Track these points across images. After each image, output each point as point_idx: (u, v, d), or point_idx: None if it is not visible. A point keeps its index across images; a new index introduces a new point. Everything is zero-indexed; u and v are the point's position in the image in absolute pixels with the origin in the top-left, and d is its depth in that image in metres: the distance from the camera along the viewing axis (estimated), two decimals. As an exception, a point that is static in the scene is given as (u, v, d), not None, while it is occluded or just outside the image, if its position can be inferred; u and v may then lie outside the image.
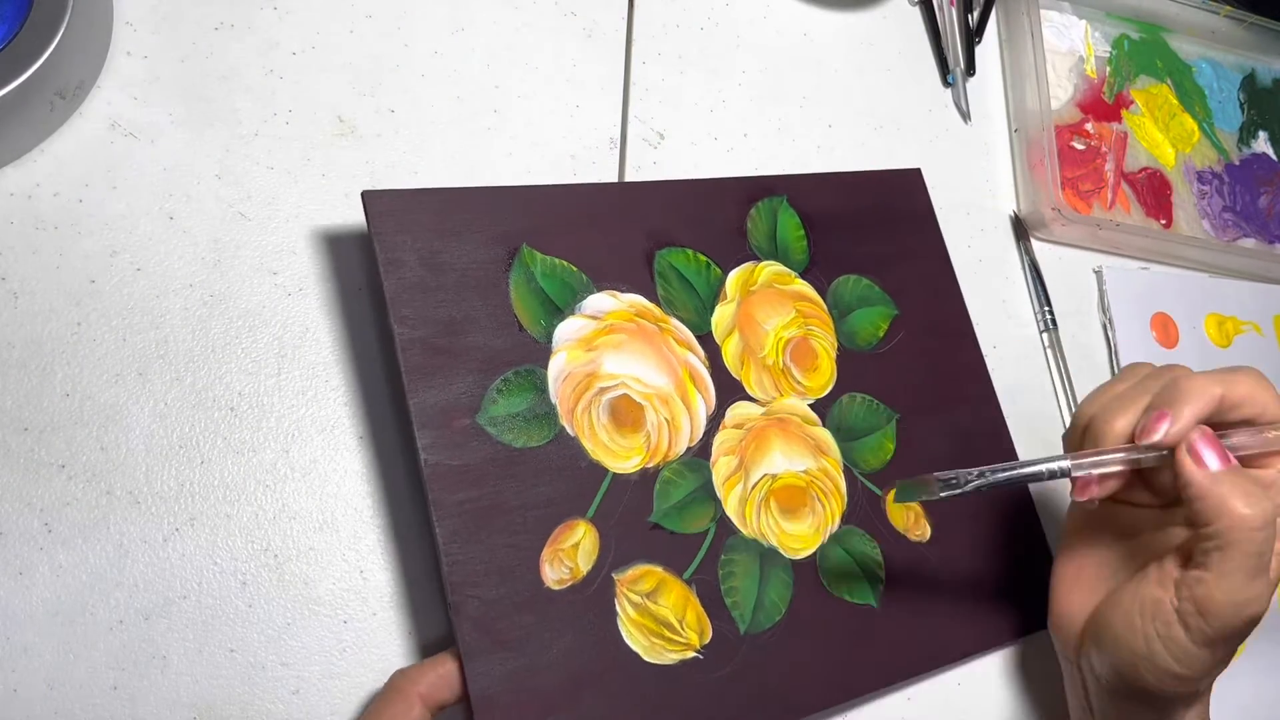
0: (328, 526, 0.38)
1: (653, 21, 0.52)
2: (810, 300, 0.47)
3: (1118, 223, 0.59)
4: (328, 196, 0.42)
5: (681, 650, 0.38)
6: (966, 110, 0.60)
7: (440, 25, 0.47)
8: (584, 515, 0.38)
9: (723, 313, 0.44)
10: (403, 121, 0.44)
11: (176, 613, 0.35)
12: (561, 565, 0.37)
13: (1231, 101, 0.71)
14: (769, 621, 0.40)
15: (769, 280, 0.46)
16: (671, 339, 0.42)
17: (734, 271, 0.45)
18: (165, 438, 0.37)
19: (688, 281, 0.43)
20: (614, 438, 0.39)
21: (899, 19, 0.61)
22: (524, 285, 0.39)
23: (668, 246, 0.43)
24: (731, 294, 0.44)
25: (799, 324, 0.46)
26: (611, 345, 0.40)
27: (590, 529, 0.38)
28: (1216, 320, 0.63)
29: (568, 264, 0.40)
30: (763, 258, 0.46)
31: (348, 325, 0.41)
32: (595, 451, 0.39)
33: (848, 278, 0.48)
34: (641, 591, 0.38)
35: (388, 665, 0.37)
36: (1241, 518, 0.34)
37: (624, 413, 0.40)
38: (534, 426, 0.38)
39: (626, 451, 0.40)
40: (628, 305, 0.41)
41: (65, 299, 0.37)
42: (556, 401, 0.39)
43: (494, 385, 0.37)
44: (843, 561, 0.43)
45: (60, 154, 0.39)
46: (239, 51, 0.43)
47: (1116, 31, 0.68)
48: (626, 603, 0.38)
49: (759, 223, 0.46)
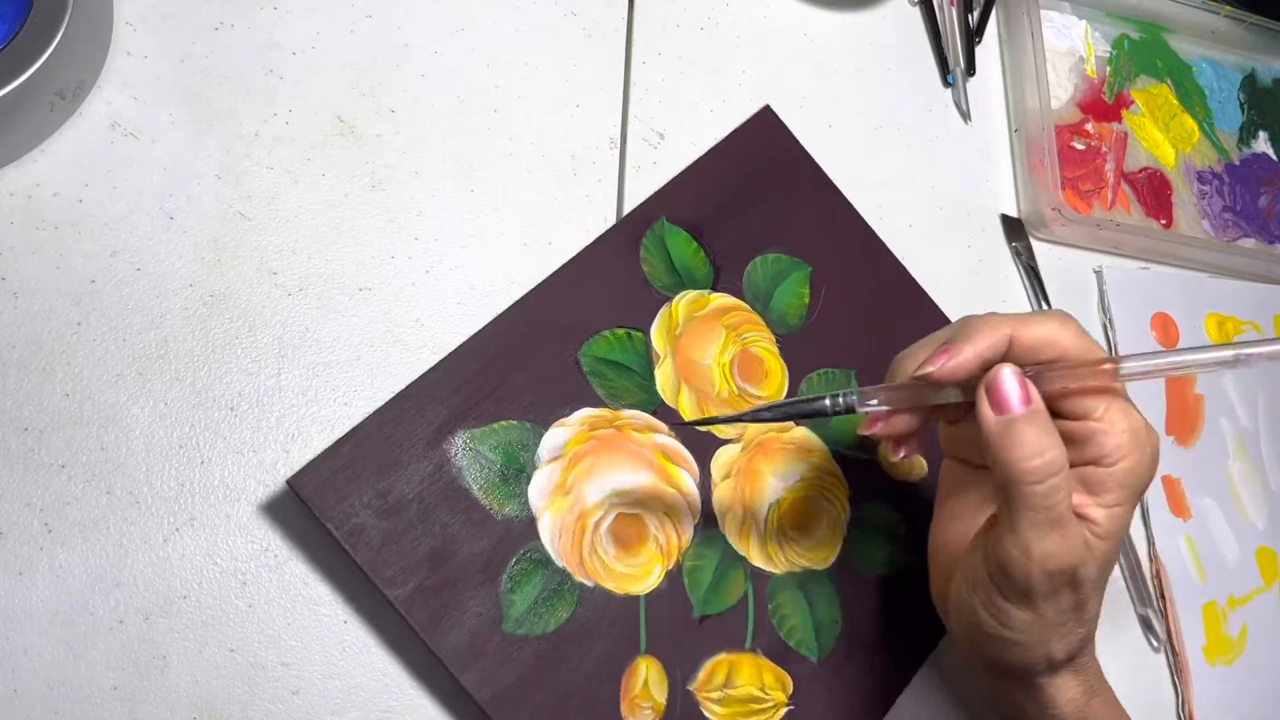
0: (328, 526, 0.38)
1: (653, 21, 0.52)
2: (733, 309, 0.46)
3: (1118, 223, 0.59)
4: (330, 196, 0.42)
5: (774, 712, 0.40)
6: (966, 110, 0.60)
7: (440, 25, 0.47)
8: (640, 652, 0.39)
9: (663, 375, 0.43)
10: (403, 121, 0.44)
11: (177, 613, 0.35)
12: (642, 710, 0.38)
13: (1231, 101, 0.71)
14: (833, 639, 0.41)
15: (688, 313, 0.45)
16: (631, 431, 0.41)
17: (654, 326, 0.44)
18: (165, 438, 0.37)
19: (619, 365, 0.42)
20: (627, 563, 0.40)
21: (899, 19, 0.61)
22: (479, 472, 0.38)
23: (587, 340, 0.42)
24: (662, 350, 0.43)
25: (733, 340, 0.45)
26: (583, 473, 0.40)
27: (650, 661, 0.39)
28: (1217, 320, 0.63)
29: (508, 423, 0.39)
30: (673, 294, 0.44)
31: (349, 330, 0.41)
32: (619, 587, 0.39)
33: (753, 263, 0.47)
34: (717, 686, 0.39)
35: (387, 665, 0.37)
36: (1021, 470, 0.32)
37: (626, 533, 0.40)
38: (556, 602, 0.38)
39: (645, 568, 0.40)
40: (580, 425, 0.41)
41: (65, 299, 0.37)
42: (564, 564, 0.39)
43: (503, 587, 0.37)
44: (868, 540, 0.44)
45: (60, 154, 0.39)
46: (239, 51, 0.43)
47: (1116, 31, 0.68)
48: (711, 704, 0.39)
49: (653, 260, 0.44)
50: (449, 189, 0.44)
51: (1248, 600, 0.57)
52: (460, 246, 0.43)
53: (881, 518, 0.44)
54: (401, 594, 0.35)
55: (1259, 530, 0.59)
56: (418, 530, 0.36)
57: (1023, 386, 0.32)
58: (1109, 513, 0.34)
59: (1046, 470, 0.32)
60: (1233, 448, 0.60)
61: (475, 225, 0.44)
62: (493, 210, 0.45)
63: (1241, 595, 0.56)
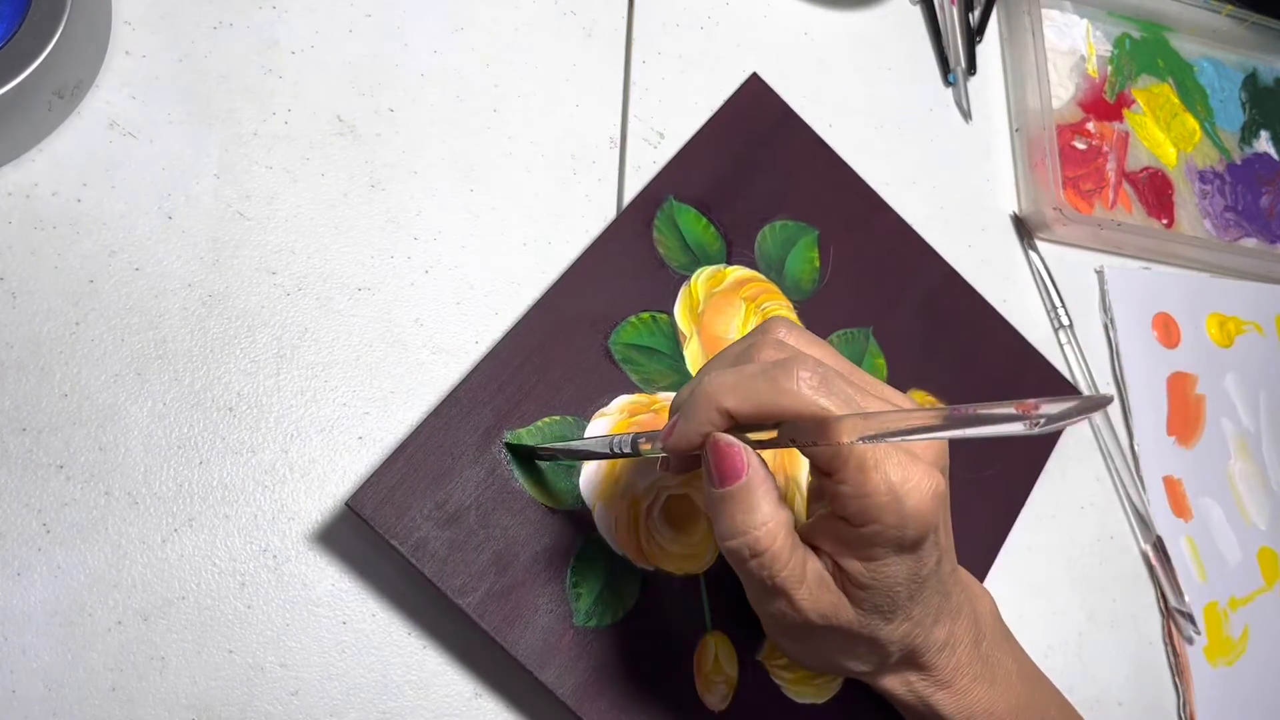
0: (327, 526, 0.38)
1: (653, 21, 0.52)
2: (749, 280, 0.46)
3: (1119, 222, 0.59)
4: (328, 195, 0.42)
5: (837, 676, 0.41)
6: (967, 110, 0.60)
7: (440, 25, 0.47)
8: (706, 628, 0.39)
9: (692, 353, 0.44)
10: (402, 121, 0.44)
11: (175, 614, 0.35)
12: (716, 686, 0.39)
13: (1233, 101, 0.71)
14: None
15: (707, 290, 0.45)
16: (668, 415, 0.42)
17: (677, 306, 0.44)
18: (164, 438, 0.37)
19: (649, 349, 0.43)
20: (683, 543, 0.40)
21: (899, 19, 0.61)
22: (530, 471, 0.39)
23: (614, 328, 0.42)
24: (687, 329, 0.44)
25: (752, 311, 0.46)
26: (629, 461, 0.40)
27: (718, 637, 0.40)
28: (1218, 320, 0.63)
29: (550, 419, 0.40)
30: (689, 272, 0.45)
31: (349, 330, 0.41)
32: (679, 568, 0.40)
33: (762, 232, 0.47)
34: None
35: (387, 665, 0.37)
36: (723, 548, 0.31)
37: (678, 513, 0.41)
38: (621, 590, 0.39)
39: (700, 546, 0.41)
40: (619, 413, 0.41)
41: (63, 299, 0.37)
42: (623, 551, 0.39)
43: (568, 582, 0.38)
44: None
45: (59, 153, 0.39)
46: (238, 51, 0.42)
47: (1118, 30, 0.68)
48: (780, 671, 0.40)
49: (667, 242, 0.45)
50: (448, 189, 0.44)
51: (1249, 601, 0.57)
52: (460, 246, 0.43)
53: None
54: (473, 601, 0.36)
55: (1260, 531, 0.59)
56: (479, 536, 0.37)
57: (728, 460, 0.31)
58: (868, 566, 0.31)
59: (748, 550, 0.30)
60: (1234, 448, 0.60)
61: (475, 225, 0.44)
62: (492, 210, 0.45)
63: (1243, 596, 0.56)
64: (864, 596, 0.31)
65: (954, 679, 0.35)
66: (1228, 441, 0.60)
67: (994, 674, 0.37)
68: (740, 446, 0.31)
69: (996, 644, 0.38)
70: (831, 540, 0.31)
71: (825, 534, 0.32)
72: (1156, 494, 0.56)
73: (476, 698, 0.38)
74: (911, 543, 0.30)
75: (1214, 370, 0.61)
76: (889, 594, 0.31)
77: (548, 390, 0.40)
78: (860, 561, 0.31)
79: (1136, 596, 0.53)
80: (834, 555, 0.31)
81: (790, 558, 0.31)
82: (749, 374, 0.30)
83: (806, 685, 0.40)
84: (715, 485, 0.31)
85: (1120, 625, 0.52)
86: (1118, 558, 0.54)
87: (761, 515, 0.30)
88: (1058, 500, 0.53)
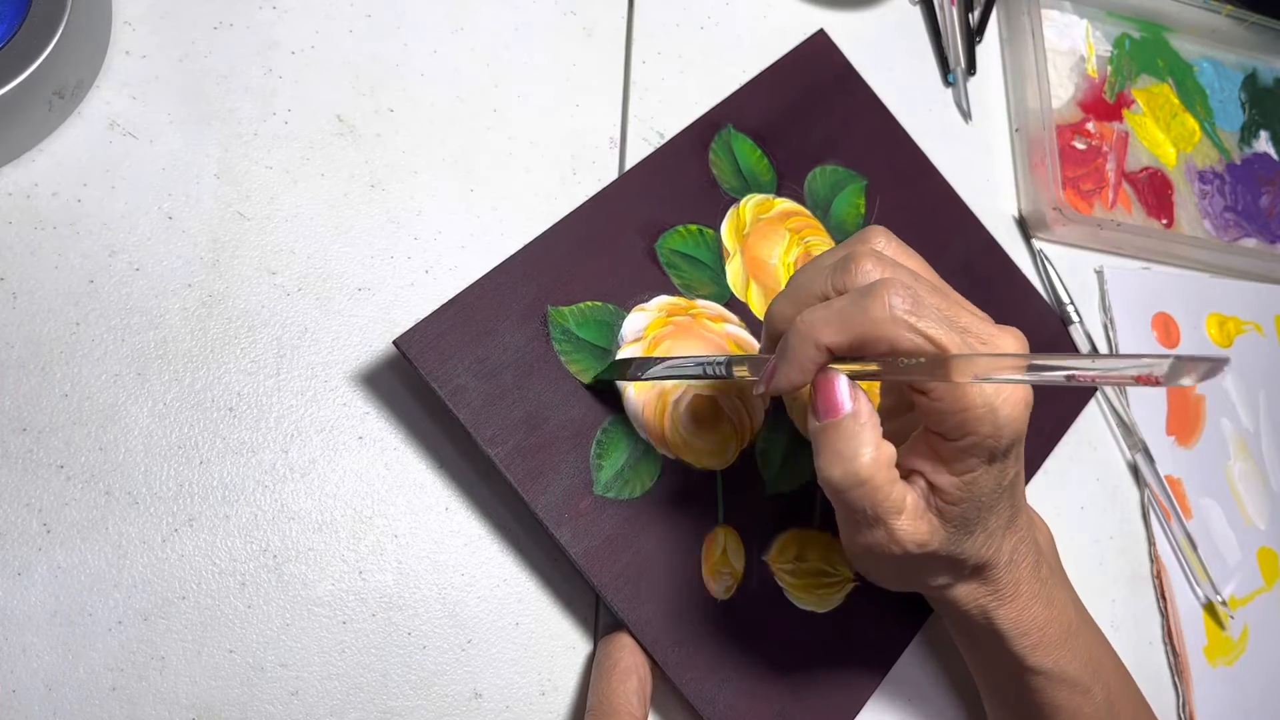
0: (326, 527, 0.38)
1: (653, 21, 0.52)
2: (796, 213, 0.48)
3: (1119, 222, 0.59)
4: (329, 197, 0.42)
5: (842, 586, 0.42)
6: (967, 110, 0.60)
7: (440, 25, 0.47)
8: (717, 522, 0.41)
9: (733, 270, 0.45)
10: (402, 121, 0.44)
11: (175, 613, 0.35)
12: (722, 576, 0.40)
13: (1233, 101, 0.71)
14: None
15: (754, 215, 0.47)
16: (705, 320, 0.44)
17: (724, 223, 0.46)
18: (164, 438, 0.37)
19: (693, 258, 0.45)
20: (705, 439, 0.42)
21: (899, 19, 0.61)
22: (568, 345, 0.40)
23: (661, 234, 0.44)
24: (732, 247, 0.46)
25: (796, 242, 0.47)
26: (662, 355, 0.42)
27: (728, 531, 0.41)
28: (1218, 320, 0.63)
29: (592, 303, 0.42)
30: (739, 195, 0.47)
31: (348, 330, 0.41)
32: (699, 461, 0.41)
33: (814, 172, 0.49)
34: (790, 559, 0.42)
35: (386, 666, 0.37)
36: (824, 478, 0.32)
37: (702, 412, 0.42)
38: (642, 470, 0.40)
39: (721, 446, 0.42)
40: (657, 311, 0.43)
41: (64, 299, 0.37)
42: (647, 436, 0.41)
43: (592, 452, 0.39)
44: None
45: (59, 153, 0.39)
46: (238, 51, 0.42)
47: (1117, 31, 0.68)
48: (785, 574, 0.42)
49: (721, 165, 0.47)
50: (448, 189, 0.44)
51: (1249, 601, 0.57)
52: (460, 246, 0.43)
53: None
54: (502, 452, 0.37)
55: (1260, 531, 0.59)
56: (514, 395, 0.38)
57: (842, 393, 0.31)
58: (959, 480, 0.32)
59: (850, 480, 0.31)
60: (1233, 448, 0.60)
61: (475, 225, 0.44)
62: (492, 210, 0.45)
63: (1243, 596, 0.56)
64: (955, 512, 0.33)
65: (1015, 594, 0.37)
66: (1227, 442, 0.60)
67: (1050, 597, 0.38)
68: (843, 379, 0.31)
69: (1054, 571, 0.40)
70: (926, 459, 0.33)
71: (918, 454, 0.33)
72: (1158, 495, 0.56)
73: (476, 698, 0.38)
74: (1004, 450, 0.32)
75: (1214, 370, 0.61)
76: (976, 505, 0.33)
77: (593, 276, 0.42)
78: (953, 475, 0.32)
79: (1136, 597, 0.53)
80: (927, 474, 0.33)
81: (891, 489, 0.32)
82: (841, 306, 0.31)
83: (809, 593, 0.42)
84: (819, 418, 0.32)
85: (1120, 625, 0.52)
86: (1117, 558, 0.54)
87: (865, 447, 0.31)
88: (1058, 500, 0.53)
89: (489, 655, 0.39)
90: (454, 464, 0.40)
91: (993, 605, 0.37)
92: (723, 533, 0.41)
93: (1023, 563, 0.37)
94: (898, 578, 0.37)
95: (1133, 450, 0.56)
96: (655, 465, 0.40)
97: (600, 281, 0.42)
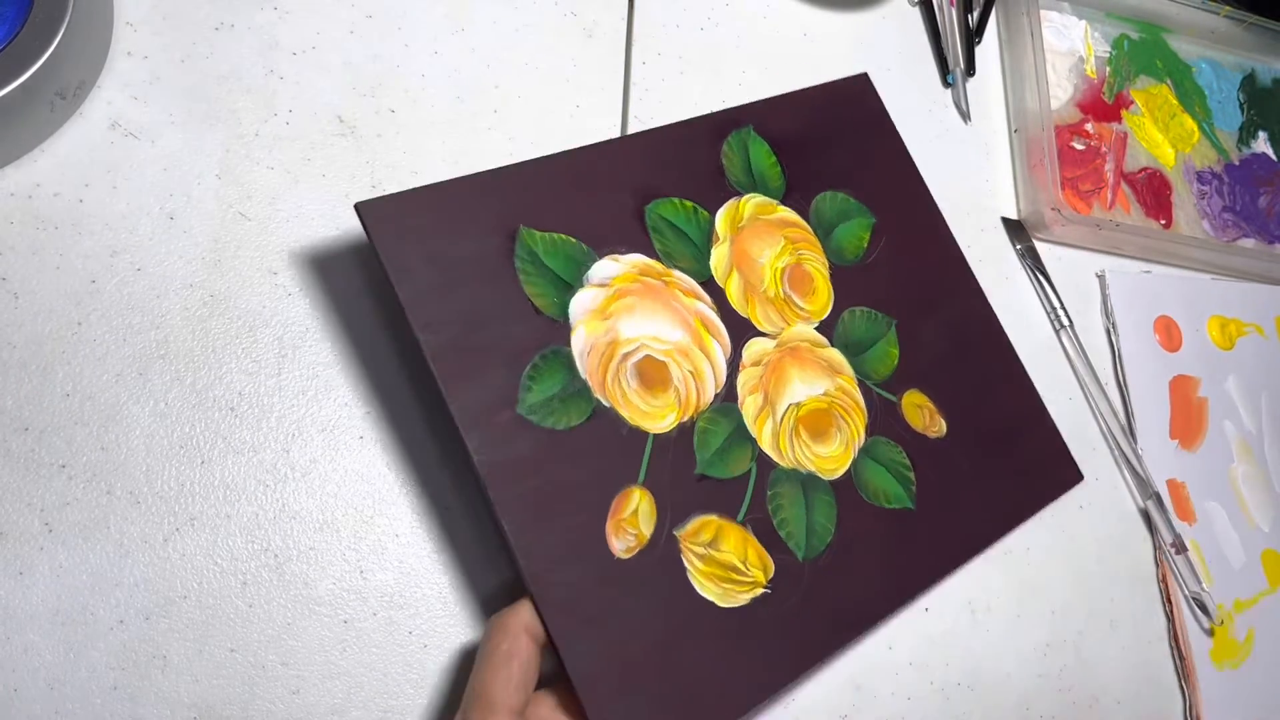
0: (328, 526, 0.38)
1: (653, 21, 0.52)
2: (795, 225, 0.48)
3: (1118, 223, 0.59)
4: (328, 197, 0.42)
5: (750, 589, 0.40)
6: (966, 110, 0.60)
7: (440, 25, 0.47)
8: (636, 482, 0.39)
9: (719, 254, 0.45)
10: (403, 121, 0.44)
11: (177, 613, 0.35)
12: (626, 534, 0.38)
13: (1231, 101, 0.71)
14: (822, 544, 0.42)
15: (754, 213, 0.46)
16: (678, 291, 0.43)
17: (720, 211, 0.45)
18: (165, 438, 0.37)
19: (680, 231, 0.44)
20: (646, 400, 0.40)
21: (899, 19, 0.61)
22: (531, 267, 0.39)
23: (655, 199, 0.44)
24: (723, 234, 0.45)
25: (790, 251, 0.47)
26: (624, 309, 0.41)
27: (645, 494, 0.39)
28: (1219, 323, 0.63)
29: (566, 237, 0.41)
30: (744, 192, 0.46)
31: (348, 331, 0.41)
32: (632, 418, 0.40)
33: (824, 195, 0.49)
34: (703, 542, 0.40)
35: (388, 665, 0.37)
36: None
37: (650, 374, 0.41)
38: (571, 406, 0.39)
39: (660, 411, 0.41)
40: (630, 266, 0.42)
41: (65, 299, 0.37)
42: (586, 377, 0.39)
43: (525, 373, 0.38)
44: (875, 471, 0.45)
45: (61, 154, 0.39)
46: (239, 51, 0.43)
47: (1116, 31, 0.68)
48: (693, 556, 0.39)
49: (733, 158, 0.47)
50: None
51: (1254, 603, 0.56)
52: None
53: (894, 456, 0.45)
54: (433, 340, 0.36)
55: (1264, 533, 0.59)
56: (462, 293, 0.37)
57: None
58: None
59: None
60: (1237, 451, 0.60)
61: (476, 225, 0.44)
62: (493, 210, 0.45)
63: (1248, 598, 0.56)
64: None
65: None
66: (1230, 444, 0.60)
67: None
68: None
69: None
70: None
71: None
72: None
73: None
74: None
75: (1216, 373, 0.61)
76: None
77: (574, 214, 0.41)
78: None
79: (1136, 597, 0.53)
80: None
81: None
82: None
83: (713, 583, 0.39)
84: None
85: (1120, 625, 0.52)
86: (1117, 558, 0.53)
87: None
88: (1057, 500, 0.53)
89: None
90: (455, 459, 0.40)
91: None
92: (639, 493, 0.39)
93: None
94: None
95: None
96: (587, 406, 0.39)
97: (579, 220, 0.41)
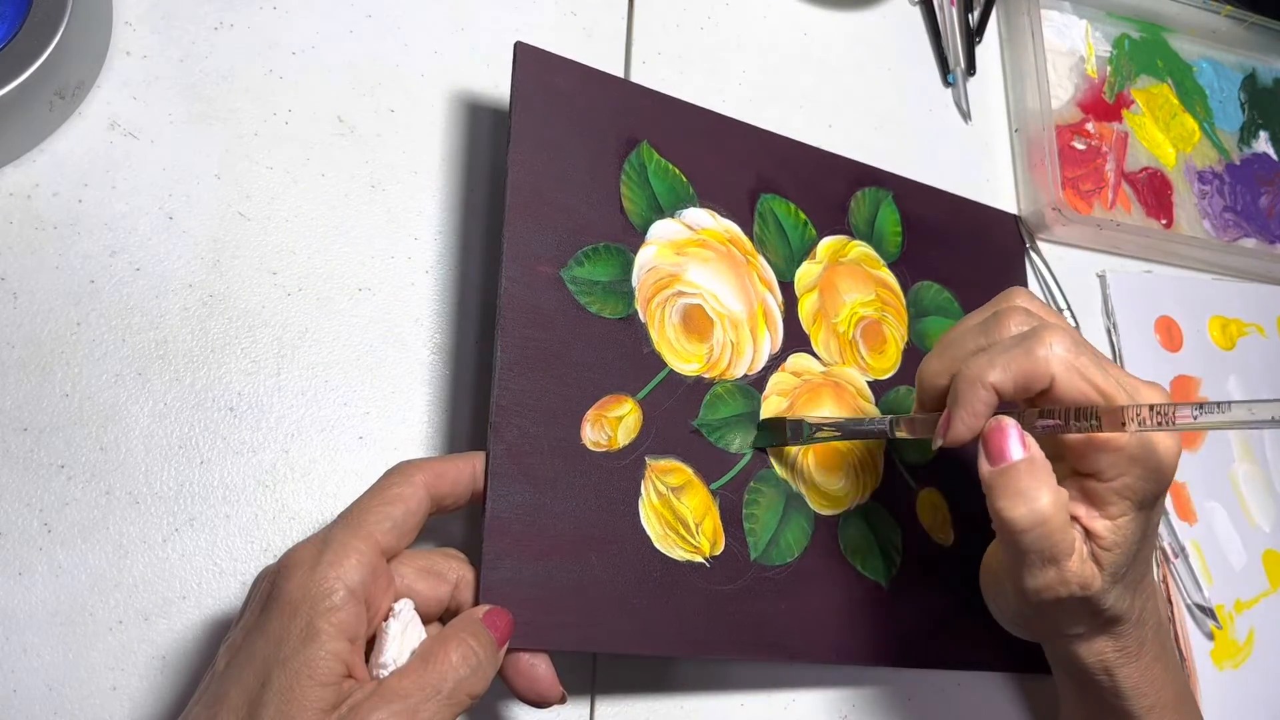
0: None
1: (653, 21, 0.52)
2: (892, 290, 0.49)
3: (1118, 222, 0.59)
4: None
5: (691, 552, 0.39)
6: (967, 110, 0.60)
7: (440, 25, 0.47)
8: (634, 395, 0.39)
9: (808, 270, 0.46)
10: (403, 121, 0.44)
11: (176, 613, 0.35)
12: (602, 430, 0.38)
13: (1232, 101, 0.71)
14: (780, 560, 0.41)
15: (858, 258, 0.48)
16: (756, 274, 0.44)
17: (828, 238, 0.47)
18: (165, 438, 0.37)
19: (783, 230, 0.45)
20: (680, 339, 0.41)
21: (899, 19, 0.61)
22: (635, 176, 0.41)
23: (773, 193, 0.46)
24: (821, 256, 0.47)
25: (876, 306, 0.48)
26: (700, 258, 0.42)
27: (637, 409, 0.39)
28: (1220, 323, 0.63)
29: (679, 172, 0.43)
30: (857, 236, 0.48)
31: (349, 330, 0.41)
32: (660, 344, 0.40)
33: (931, 284, 0.50)
34: (669, 484, 0.39)
35: (388, 666, 0.37)
36: (1009, 519, 0.33)
37: (695, 320, 0.42)
38: (610, 299, 0.40)
39: (689, 355, 0.41)
40: (723, 229, 0.44)
41: (64, 299, 0.37)
42: (636, 286, 0.40)
43: (583, 249, 0.39)
44: (863, 533, 0.43)
45: (60, 154, 0.39)
46: (239, 51, 0.43)
47: (1117, 31, 0.68)
48: (653, 488, 0.39)
49: (861, 206, 0.49)
50: (449, 188, 0.44)
51: (1254, 603, 0.56)
52: (460, 246, 0.43)
53: (887, 530, 0.44)
54: (519, 177, 0.38)
55: (1265, 533, 0.59)
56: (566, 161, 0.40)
57: (1016, 439, 0.34)
58: (1113, 524, 0.34)
59: (1032, 519, 0.33)
60: (1238, 451, 0.60)
61: (476, 225, 0.44)
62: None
63: (1248, 599, 0.56)
64: (1108, 559, 0.34)
65: (1139, 653, 0.38)
66: (1231, 444, 0.60)
67: (1168, 660, 0.39)
68: (1014, 426, 0.34)
69: (1169, 635, 0.41)
70: (1079, 504, 0.35)
71: (1072, 500, 0.34)
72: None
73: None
74: (1152, 497, 0.34)
75: (1217, 373, 0.61)
76: (1124, 552, 0.34)
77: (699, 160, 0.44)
78: (1106, 520, 0.34)
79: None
80: (1082, 519, 0.35)
81: (1066, 531, 0.33)
82: (1004, 347, 0.34)
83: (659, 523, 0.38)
84: (993, 462, 0.34)
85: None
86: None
87: (1044, 489, 0.33)
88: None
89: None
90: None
91: (1117, 662, 0.37)
92: (631, 405, 0.39)
93: (1149, 622, 0.38)
94: (1038, 622, 0.37)
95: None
96: (624, 309, 0.40)
97: (699, 168, 0.44)
